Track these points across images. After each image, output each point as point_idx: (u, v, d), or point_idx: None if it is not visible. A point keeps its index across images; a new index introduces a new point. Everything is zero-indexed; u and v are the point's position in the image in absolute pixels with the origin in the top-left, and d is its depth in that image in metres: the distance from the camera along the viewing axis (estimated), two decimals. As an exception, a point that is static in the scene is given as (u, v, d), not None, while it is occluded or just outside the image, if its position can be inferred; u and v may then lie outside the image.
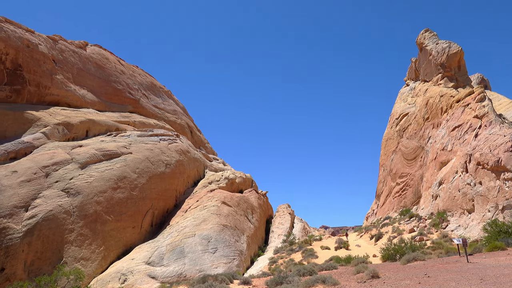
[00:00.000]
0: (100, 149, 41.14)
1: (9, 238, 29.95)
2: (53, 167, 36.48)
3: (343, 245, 42.19)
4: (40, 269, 29.95)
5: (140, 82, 67.76)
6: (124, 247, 35.97)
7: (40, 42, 48.89)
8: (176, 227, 38.44)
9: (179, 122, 71.49)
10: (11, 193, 32.57)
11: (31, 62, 45.88)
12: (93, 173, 37.74)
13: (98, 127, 47.50)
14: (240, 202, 47.41)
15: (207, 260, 32.96)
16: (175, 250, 33.63)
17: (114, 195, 37.32)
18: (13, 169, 34.95)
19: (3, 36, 42.89)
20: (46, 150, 38.69)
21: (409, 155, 64.97)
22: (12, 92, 43.39)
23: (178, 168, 48.01)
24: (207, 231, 36.75)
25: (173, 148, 50.27)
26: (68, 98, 49.83)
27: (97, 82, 57.13)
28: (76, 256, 31.73)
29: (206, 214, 40.49)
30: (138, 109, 62.22)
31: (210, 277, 25.86)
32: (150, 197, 41.23)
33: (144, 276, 30.35)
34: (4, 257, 29.18)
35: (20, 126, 40.26)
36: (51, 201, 33.38)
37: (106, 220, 35.32)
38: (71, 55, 54.58)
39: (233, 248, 36.44)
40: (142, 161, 42.88)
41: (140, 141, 47.29)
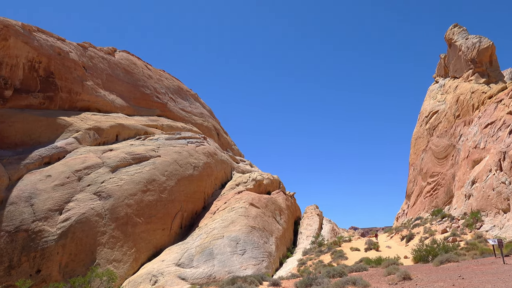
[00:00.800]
0: (129, 152, 41.96)
1: (44, 240, 30.93)
2: (85, 171, 37.45)
3: (373, 246, 41.53)
4: (74, 270, 30.78)
5: (167, 86, 68.76)
6: (155, 249, 36.51)
7: (70, 49, 50.33)
8: (205, 229, 38.74)
9: (206, 124, 72.14)
10: (45, 197, 33.64)
11: (63, 69, 47.28)
12: (123, 176, 38.51)
13: (127, 131, 48.46)
14: (268, 204, 47.39)
15: (236, 261, 33.06)
16: (204, 251, 33.89)
17: (144, 198, 37.96)
18: (47, 173, 36.08)
19: (36, 45, 44.39)
20: (78, 154, 39.75)
21: (440, 153, 63.44)
22: (45, 98, 44.82)
23: (205, 170, 48.42)
24: (236, 233, 36.88)
25: (200, 151, 50.74)
26: (98, 104, 51.07)
27: (126, 87, 58.31)
28: (108, 258, 32.43)
29: (234, 215, 40.65)
30: (166, 113, 63.13)
31: (239, 279, 25.93)
32: (179, 199, 41.73)
33: (174, 277, 30.71)
34: (40, 259, 30.16)
35: (53, 131, 41.52)
36: (84, 204, 34.27)
37: (137, 223, 35.97)
38: (100, 61, 55.93)
39: (261, 249, 36.44)
40: (170, 164, 43.46)
41: (168, 144, 47.96)
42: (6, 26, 41.12)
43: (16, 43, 42.32)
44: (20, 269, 29.49)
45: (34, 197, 33.41)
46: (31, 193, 33.69)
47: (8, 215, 31.71)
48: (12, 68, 42.42)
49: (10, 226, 31.11)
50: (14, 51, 42.37)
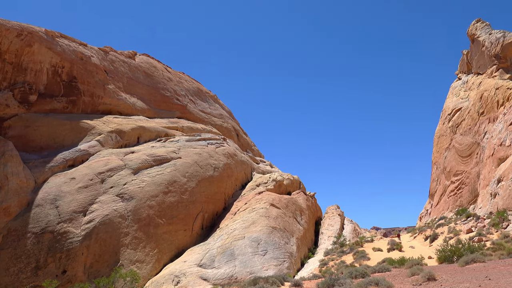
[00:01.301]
0: (151, 154, 42.47)
1: (69, 241, 31.57)
2: (107, 173, 38.08)
3: (396, 247, 40.95)
4: (99, 271, 31.31)
5: (186, 88, 69.35)
6: (177, 249, 36.84)
7: (92, 54, 51.27)
8: (226, 230, 38.88)
9: (226, 125, 72.43)
10: (70, 199, 34.36)
11: (85, 74, 48.21)
12: (145, 178, 38.99)
13: (148, 133, 49.06)
14: (288, 204, 47.26)
15: (257, 262, 33.07)
16: (226, 252, 34.00)
17: (166, 199, 38.36)
18: (72, 176, 36.84)
19: (59, 51, 45.39)
20: (101, 157, 40.45)
21: (464, 151, 62.12)
22: (68, 103, 45.78)
23: (226, 171, 48.62)
24: (257, 234, 36.90)
25: (220, 152, 50.98)
26: (120, 107, 51.87)
27: (146, 90, 59.05)
28: (131, 258, 32.88)
29: (255, 216, 40.68)
30: (186, 115, 63.66)
31: (261, 279, 25.91)
32: (200, 200, 42.01)
33: (196, 278, 30.92)
34: (65, 260, 30.80)
35: (76, 135, 42.37)
36: (107, 206, 34.85)
37: (159, 224, 36.36)
38: (121, 65, 56.80)
39: (283, 250, 36.36)
40: (191, 165, 43.80)
41: (189, 146, 48.34)
42: (30, 32, 42.17)
43: (40, 49, 43.35)
44: (46, 270, 30.19)
45: (59, 199, 34.17)
46: (56, 195, 34.46)
47: (35, 217, 32.52)
48: (37, 74, 43.47)
49: (36, 227, 31.89)
50: (38, 56, 43.42)
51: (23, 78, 42.24)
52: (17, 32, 40.96)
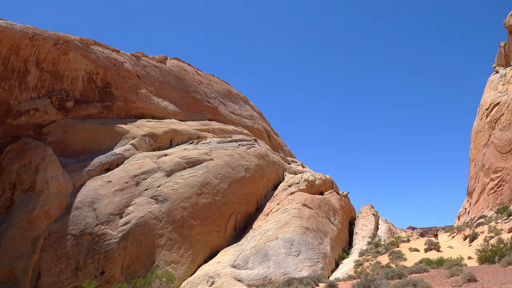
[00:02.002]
0: (183, 157, 43.08)
1: (107, 243, 32.45)
2: (142, 176, 38.91)
3: (433, 247, 39.84)
4: (136, 272, 32.02)
5: (217, 90, 69.97)
6: (210, 250, 37.19)
7: (125, 60, 52.54)
8: (259, 231, 38.93)
9: (256, 126, 72.57)
10: (107, 202, 35.32)
11: (118, 79, 49.47)
12: (178, 180, 39.58)
13: (180, 136, 49.80)
14: (321, 204, 46.85)
15: (291, 263, 32.95)
16: (259, 253, 34.03)
17: (199, 201, 38.80)
18: (108, 179, 37.86)
19: (93, 58, 46.76)
20: (135, 160, 41.37)
21: (504, 147, 59.79)
22: (103, 108, 47.09)
23: (257, 172, 48.71)
24: (290, 234, 36.77)
25: (252, 153, 51.12)
26: (152, 110, 52.91)
27: (177, 93, 59.97)
28: (167, 259, 33.45)
29: (287, 217, 40.55)
30: (217, 117, 64.21)
31: (295, 280, 25.81)
32: (232, 201, 42.26)
33: (230, 279, 31.09)
34: (103, 261, 31.67)
35: (111, 139, 43.51)
36: (142, 208, 35.61)
37: (193, 225, 36.82)
38: (153, 69, 57.93)
39: (316, 250, 36.07)
40: (223, 167, 44.14)
41: (220, 148, 48.74)
42: (66, 41, 43.63)
43: (75, 57, 44.79)
44: (86, 271, 31.13)
45: (96, 202, 35.19)
46: (94, 198, 35.50)
47: (74, 219, 33.62)
48: (73, 81, 44.95)
49: (75, 230, 32.96)
50: (74, 64, 44.88)
51: (60, 86, 43.76)
52: (54, 41, 42.46)
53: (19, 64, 40.13)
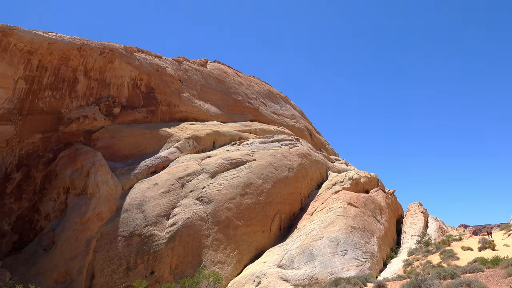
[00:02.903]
0: (226, 158, 43.55)
1: (155, 244, 33.36)
2: (187, 178, 39.69)
3: (488, 245, 38.04)
4: (184, 272, 32.70)
5: (257, 91, 70.24)
6: (256, 250, 37.36)
7: (167, 65, 53.84)
8: (304, 230, 38.70)
9: (298, 126, 72.21)
10: (154, 204, 36.31)
11: (161, 84, 50.76)
12: (222, 181, 40.05)
13: (223, 137, 50.39)
14: (367, 203, 45.92)
15: (338, 262, 32.53)
16: (305, 253, 33.83)
17: (243, 201, 39.07)
18: (154, 182, 38.91)
19: (137, 64, 48.26)
20: (180, 162, 42.26)
21: None
22: (148, 113, 48.48)
23: (300, 171, 48.43)
24: (335, 233, 36.30)
25: (294, 152, 50.91)
26: (195, 113, 53.89)
27: (219, 95, 60.74)
28: (213, 260, 33.92)
29: (332, 216, 40.05)
30: (258, 117, 64.46)
31: (342, 280, 25.48)
32: (276, 201, 42.24)
33: (276, 278, 31.10)
34: (153, 261, 32.58)
35: (156, 142, 44.70)
36: (188, 209, 36.32)
37: (238, 225, 37.12)
38: (194, 73, 58.99)
39: (363, 250, 35.40)
40: (265, 167, 44.22)
41: (263, 148, 48.86)
42: (111, 50, 45.28)
43: (120, 65, 46.40)
44: (136, 271, 32.14)
45: (144, 204, 36.26)
46: (142, 201, 36.59)
47: (123, 221, 34.82)
48: (119, 87, 46.59)
49: (125, 231, 34.11)
50: (119, 71, 46.52)
51: (107, 93, 45.48)
52: (100, 50, 44.18)
53: (68, 74, 42.07)
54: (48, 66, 40.34)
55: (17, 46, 37.25)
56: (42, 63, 39.73)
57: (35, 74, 39.40)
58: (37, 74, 39.58)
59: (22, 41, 37.31)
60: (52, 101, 41.05)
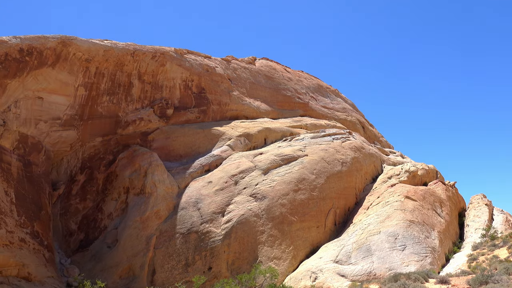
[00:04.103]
0: (278, 154, 43.61)
1: (212, 240, 34.13)
2: (240, 175, 40.18)
3: (563, 238, 35.43)
4: (240, 267, 33.19)
5: (307, 85, 69.66)
6: (311, 246, 37.14)
7: (216, 65, 54.73)
8: (360, 225, 38.01)
9: (350, 119, 70.83)
10: (209, 201, 37.12)
11: (211, 84, 51.69)
12: (275, 177, 40.15)
13: (274, 134, 50.47)
14: (425, 196, 44.23)
15: (396, 258, 31.68)
16: (361, 248, 33.24)
17: (296, 197, 38.96)
18: (208, 180, 39.76)
19: (187, 66, 49.45)
20: (232, 160, 42.85)
21: None
22: (199, 113, 49.58)
23: (354, 165, 47.51)
24: (393, 228, 35.33)
25: (347, 146, 50.03)
26: (245, 111, 54.39)
27: (268, 92, 60.87)
28: (269, 255, 34.14)
29: (389, 210, 38.99)
30: (308, 112, 63.92)
31: (402, 276, 24.81)
32: (330, 196, 41.74)
33: (333, 274, 30.80)
34: (210, 258, 33.37)
35: (209, 141, 45.60)
36: (242, 206, 36.77)
37: (292, 221, 37.09)
38: (243, 71, 59.51)
39: (423, 244, 34.20)
40: (318, 162, 43.80)
41: (314, 143, 48.43)
42: (162, 53, 46.70)
43: (171, 67, 47.77)
44: (194, 267, 33.09)
45: (199, 202, 37.17)
46: (197, 199, 37.53)
47: (181, 219, 35.91)
48: (171, 90, 48.01)
49: (183, 228, 35.18)
50: (171, 74, 47.90)
51: (160, 95, 47.00)
52: (152, 54, 45.70)
53: (123, 78, 43.91)
54: (105, 73, 42.31)
55: (76, 55, 39.35)
56: (99, 70, 41.74)
57: (93, 80, 41.46)
58: (95, 80, 41.63)
59: (80, 50, 39.35)
60: (110, 105, 43.06)
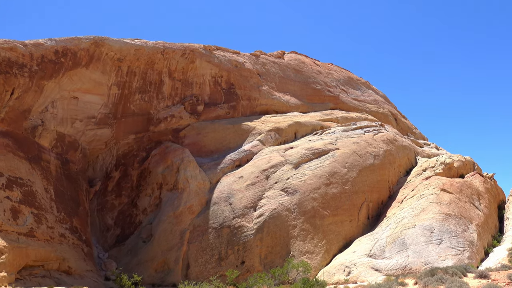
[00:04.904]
0: (309, 148, 43.34)
1: (244, 235, 34.37)
2: (271, 170, 40.20)
3: None
4: (273, 262, 33.30)
5: (337, 78, 68.82)
6: (344, 240, 36.82)
7: (245, 60, 54.82)
8: (394, 219, 37.36)
9: (381, 111, 69.53)
10: (240, 196, 37.35)
11: (241, 79, 51.86)
12: (306, 171, 39.95)
13: (304, 128, 50.18)
14: (462, 188, 42.95)
15: (433, 252, 30.99)
16: (396, 242, 32.70)
17: (328, 191, 38.65)
18: (240, 175, 39.99)
19: (216, 62, 49.78)
20: (263, 155, 42.92)
21: None
22: (229, 108, 49.88)
23: (387, 158, 46.65)
24: (428, 221, 34.53)
25: (379, 139, 49.16)
26: (275, 106, 54.29)
27: (297, 86, 60.51)
28: (301, 250, 34.07)
29: (424, 203, 38.13)
30: (339, 105, 63.17)
31: (439, 270, 24.26)
32: (363, 190, 41.18)
33: (367, 268, 30.47)
34: (242, 252, 33.64)
35: (239, 136, 45.84)
36: (274, 200, 36.80)
37: (324, 215, 36.84)
38: (272, 66, 59.37)
39: (461, 238, 33.27)
40: (349, 155, 43.26)
41: (345, 136, 47.85)
42: (191, 50, 47.19)
43: (201, 64, 48.23)
44: (227, 261, 33.45)
45: (231, 196, 37.47)
46: (229, 194, 37.85)
47: (213, 213, 36.33)
48: (201, 86, 48.52)
49: (215, 223, 35.59)
50: (200, 70, 48.39)
51: (190, 92, 47.58)
52: (181, 52, 46.26)
53: (154, 77, 44.68)
54: (136, 71, 43.18)
55: (108, 55, 40.32)
56: (130, 68, 42.63)
57: (125, 79, 42.40)
58: (127, 79, 42.56)
59: (112, 50, 40.29)
60: (142, 103, 43.94)
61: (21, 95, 34.22)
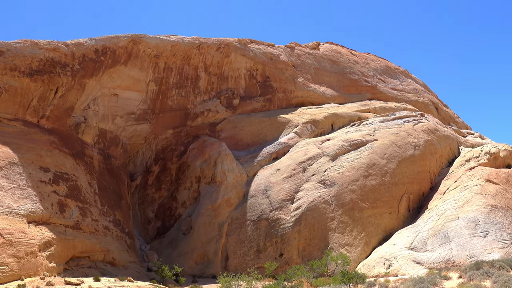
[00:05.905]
0: (346, 140, 42.75)
1: (282, 227, 34.44)
2: (308, 162, 39.97)
3: None
4: (311, 254, 33.21)
5: (374, 68, 67.34)
6: (384, 232, 36.18)
7: (280, 52, 54.57)
8: (436, 211, 36.31)
9: (421, 100, 67.49)
10: (278, 189, 37.39)
11: (276, 72, 51.70)
12: (344, 163, 39.45)
13: (341, 119, 49.52)
14: (509, 179, 41.11)
15: (477, 244, 29.89)
16: (438, 234, 31.79)
17: (366, 183, 38.03)
18: (276, 167, 40.01)
19: (251, 55, 49.84)
20: (300, 147, 42.73)
21: None
22: (265, 101, 49.90)
23: (427, 148, 45.31)
24: (473, 213, 33.30)
25: (419, 129, 47.79)
26: (310, 97, 53.84)
27: (334, 77, 59.69)
28: (340, 242, 33.77)
29: (468, 194, 36.79)
30: (376, 95, 61.86)
31: (485, 263, 23.41)
32: (403, 181, 40.24)
33: (408, 261, 29.84)
34: (281, 244, 33.75)
35: (275, 129, 45.83)
36: (311, 192, 36.61)
37: (363, 207, 36.31)
38: (307, 57, 58.80)
39: (508, 231, 31.90)
40: (388, 146, 42.34)
41: (384, 127, 46.82)
42: (226, 44, 47.45)
43: (236, 58, 48.44)
44: (266, 253, 33.66)
45: (268, 189, 37.57)
46: (266, 186, 37.97)
47: (250, 206, 36.60)
48: (236, 80, 48.77)
49: (253, 216, 35.84)
50: (235, 64, 48.62)
51: (226, 86, 47.93)
52: (216, 46, 46.62)
53: (191, 71, 45.31)
54: (173, 67, 43.91)
55: (146, 52, 41.20)
56: (167, 64, 43.40)
57: (162, 75, 43.23)
58: (164, 75, 43.37)
59: (149, 47, 41.14)
60: (179, 98, 44.71)
61: (64, 93, 35.62)
